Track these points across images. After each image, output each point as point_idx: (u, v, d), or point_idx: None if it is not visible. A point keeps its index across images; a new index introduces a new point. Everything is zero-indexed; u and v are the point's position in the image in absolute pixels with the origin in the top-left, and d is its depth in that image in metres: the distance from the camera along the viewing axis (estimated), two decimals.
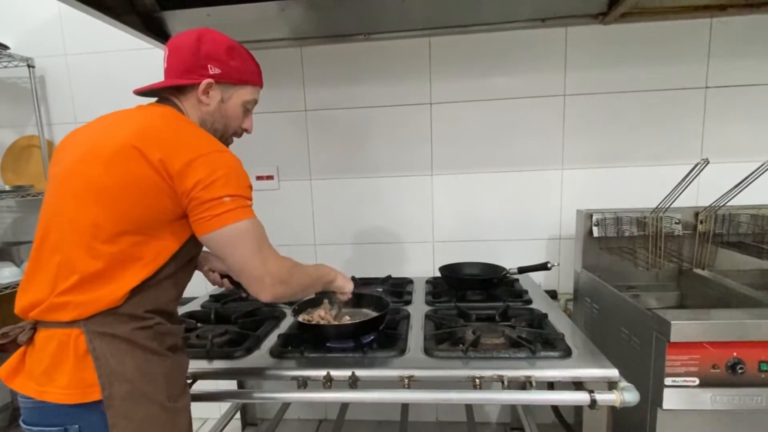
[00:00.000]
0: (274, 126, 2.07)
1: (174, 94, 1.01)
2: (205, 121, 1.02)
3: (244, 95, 1.05)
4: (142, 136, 0.87)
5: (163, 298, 0.94)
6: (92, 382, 0.84)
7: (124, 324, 0.87)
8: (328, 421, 2.32)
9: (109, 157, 0.86)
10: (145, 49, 1.93)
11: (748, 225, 1.67)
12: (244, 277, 0.93)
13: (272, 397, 1.19)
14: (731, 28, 1.80)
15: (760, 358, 1.18)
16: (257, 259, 0.91)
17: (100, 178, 0.85)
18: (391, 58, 1.97)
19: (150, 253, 0.88)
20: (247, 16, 1.66)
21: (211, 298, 1.82)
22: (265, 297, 0.94)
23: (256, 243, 0.92)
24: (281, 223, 2.13)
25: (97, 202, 0.85)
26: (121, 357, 0.86)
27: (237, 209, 0.89)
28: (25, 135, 2.20)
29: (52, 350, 0.85)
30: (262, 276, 0.92)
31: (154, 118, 0.93)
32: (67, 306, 0.85)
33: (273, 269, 0.94)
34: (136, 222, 0.86)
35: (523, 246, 2.05)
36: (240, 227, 0.89)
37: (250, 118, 1.12)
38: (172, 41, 1.01)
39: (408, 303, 1.68)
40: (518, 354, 1.18)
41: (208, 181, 0.86)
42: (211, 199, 0.86)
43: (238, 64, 1.02)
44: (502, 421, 2.22)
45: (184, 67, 0.98)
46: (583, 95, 1.91)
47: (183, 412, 0.96)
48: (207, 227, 0.88)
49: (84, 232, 0.85)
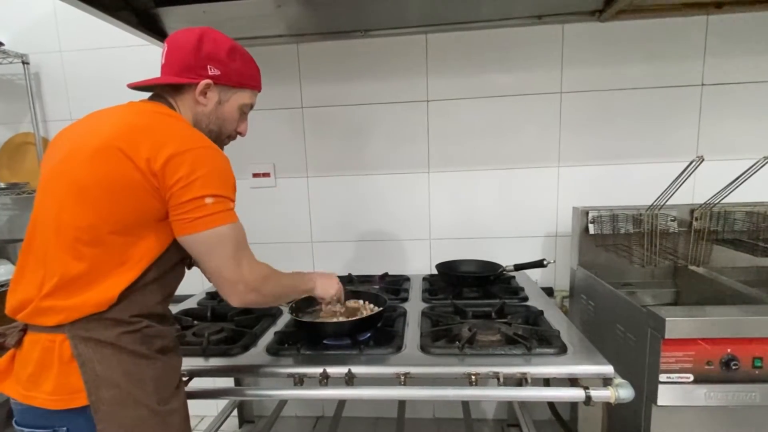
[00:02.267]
0: (270, 123, 2.07)
1: (169, 92, 0.99)
2: (199, 122, 1.00)
3: (242, 99, 1.04)
4: (125, 133, 0.85)
5: (151, 301, 0.91)
6: (78, 388, 0.83)
7: (110, 329, 0.86)
8: (325, 418, 2.32)
9: (90, 156, 0.84)
10: (141, 45, 1.91)
11: (743, 222, 1.68)
12: (218, 280, 0.92)
13: (269, 394, 1.19)
14: (727, 25, 1.80)
15: (754, 355, 1.19)
16: (233, 264, 0.91)
17: (81, 178, 0.84)
18: (387, 55, 1.97)
19: (135, 254, 0.86)
20: (243, 13, 1.65)
21: (208, 295, 1.81)
22: (234, 302, 0.94)
23: (233, 249, 0.90)
24: (278, 220, 2.13)
25: (79, 202, 0.83)
26: (107, 362, 0.85)
27: (218, 213, 0.87)
28: (20, 132, 2.18)
29: (38, 355, 0.85)
30: (236, 282, 0.92)
31: (139, 115, 0.91)
32: (52, 310, 0.84)
33: (247, 276, 0.93)
34: (120, 222, 0.84)
35: (520, 243, 2.05)
36: (220, 232, 0.88)
37: (245, 121, 1.10)
38: (173, 38, 0.99)
39: (405, 300, 1.68)
40: (514, 351, 1.19)
41: (190, 179, 0.84)
42: (191, 198, 0.84)
43: (239, 67, 1.01)
44: (499, 417, 2.23)
45: (183, 66, 0.96)
46: (579, 92, 1.91)
47: (176, 413, 0.94)
48: (186, 229, 0.86)
49: (66, 234, 0.83)
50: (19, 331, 0.88)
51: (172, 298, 0.99)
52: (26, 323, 0.88)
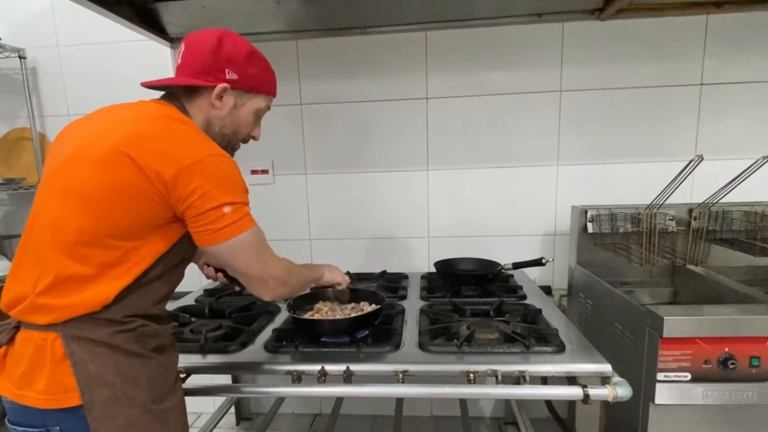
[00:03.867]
0: (269, 119, 2.01)
1: (182, 93, 0.97)
2: (212, 125, 0.99)
3: (257, 104, 1.03)
4: (134, 140, 0.83)
5: (147, 302, 0.91)
6: (71, 387, 0.82)
7: (104, 328, 0.85)
8: (322, 415, 2.32)
9: (98, 161, 0.82)
10: (139, 41, 1.90)
11: (741, 222, 1.68)
12: (248, 280, 0.97)
13: (267, 391, 1.19)
14: (727, 25, 1.80)
15: (752, 354, 1.19)
16: (260, 264, 0.95)
17: (87, 182, 0.82)
18: (387, 53, 1.96)
19: (134, 258, 0.86)
20: (242, 8, 1.64)
21: (205, 292, 1.81)
22: (267, 298, 1.00)
23: (257, 250, 0.94)
24: (276, 217, 2.13)
25: (83, 205, 0.82)
26: (100, 361, 0.84)
27: (238, 221, 0.88)
28: (16, 127, 2.17)
29: (30, 354, 0.84)
30: (266, 279, 0.97)
31: (149, 120, 0.89)
32: (45, 308, 0.83)
33: (275, 273, 0.99)
34: (121, 228, 0.83)
35: (518, 242, 2.05)
36: (243, 239, 0.90)
37: (259, 126, 1.10)
38: (191, 38, 0.97)
39: (403, 298, 1.68)
40: (512, 349, 1.19)
41: (205, 189, 0.84)
42: (210, 209, 0.85)
43: (256, 72, 1.00)
44: (496, 415, 2.23)
45: (200, 67, 0.94)
46: (579, 91, 1.91)
47: (173, 411, 0.94)
48: (210, 240, 0.88)
49: (67, 235, 0.82)
50: (12, 328, 0.87)
51: (169, 298, 0.98)
52: (19, 320, 0.87)
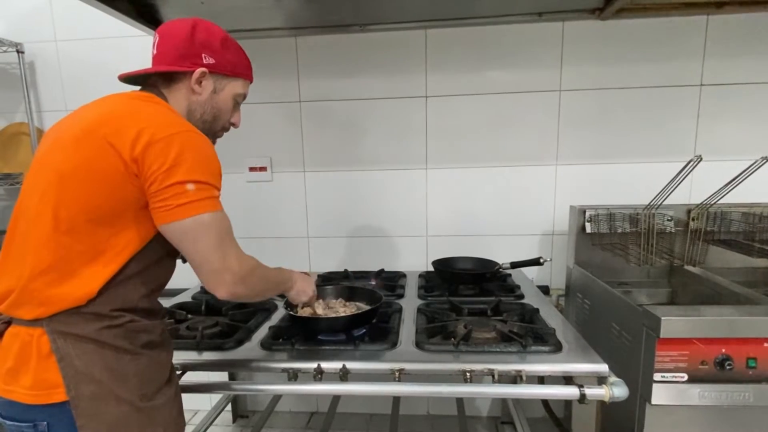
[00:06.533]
0: (267, 117, 2.05)
1: (161, 83, 0.97)
2: (193, 111, 0.99)
3: (235, 88, 1.04)
4: (108, 120, 0.83)
5: (134, 295, 0.89)
6: (57, 383, 0.82)
7: (90, 323, 0.84)
8: (319, 413, 2.32)
9: (72, 142, 0.83)
10: (137, 36, 1.89)
11: (739, 223, 1.68)
12: (203, 271, 0.88)
13: (263, 389, 1.19)
14: (727, 25, 1.80)
15: (749, 355, 1.19)
16: (218, 254, 0.87)
17: (62, 165, 0.82)
18: (386, 50, 1.95)
19: (115, 246, 0.84)
20: (241, 4, 1.63)
21: (202, 289, 1.80)
22: (221, 294, 0.90)
23: (217, 238, 0.87)
24: (274, 215, 2.11)
25: (60, 189, 0.82)
26: (87, 357, 0.83)
27: (201, 201, 0.84)
28: (14, 122, 2.16)
29: (16, 350, 0.83)
30: (222, 272, 0.88)
31: (124, 102, 0.89)
32: (30, 303, 0.82)
33: (234, 266, 0.89)
34: (98, 210, 0.82)
35: (516, 241, 2.05)
36: (201, 220, 0.84)
37: (238, 112, 1.09)
38: (164, 27, 0.98)
39: (400, 297, 1.68)
40: (509, 348, 1.18)
41: (172, 163, 0.80)
42: (171, 184, 0.81)
43: (232, 57, 1.01)
44: (493, 414, 2.23)
45: (176, 54, 0.95)
46: (578, 91, 1.91)
47: (162, 409, 0.92)
48: (166, 217, 0.83)
49: (45, 223, 0.82)
50: (3, 323, 0.87)
51: (160, 292, 0.97)
52: (9, 316, 0.86)
